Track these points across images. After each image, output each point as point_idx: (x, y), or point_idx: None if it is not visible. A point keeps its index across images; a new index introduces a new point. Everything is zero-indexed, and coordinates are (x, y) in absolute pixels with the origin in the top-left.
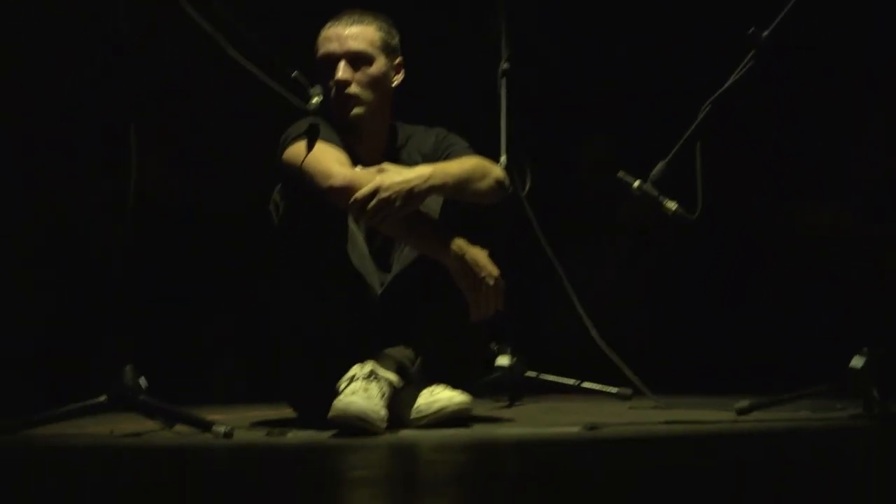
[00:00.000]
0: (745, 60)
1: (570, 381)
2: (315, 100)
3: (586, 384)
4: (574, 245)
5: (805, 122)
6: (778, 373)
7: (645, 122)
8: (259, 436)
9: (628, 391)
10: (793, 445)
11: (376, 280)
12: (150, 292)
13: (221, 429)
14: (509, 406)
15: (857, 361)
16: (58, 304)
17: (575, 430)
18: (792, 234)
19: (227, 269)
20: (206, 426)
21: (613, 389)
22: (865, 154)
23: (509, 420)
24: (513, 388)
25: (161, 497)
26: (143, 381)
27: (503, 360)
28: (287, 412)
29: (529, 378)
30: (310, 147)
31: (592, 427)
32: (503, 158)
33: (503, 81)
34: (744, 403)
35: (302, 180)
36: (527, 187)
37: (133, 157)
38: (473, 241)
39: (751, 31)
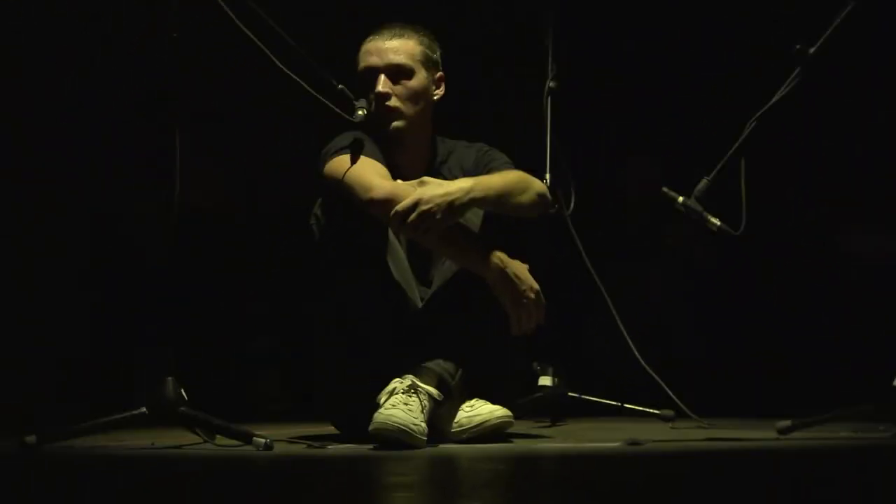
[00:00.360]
0: (792, 77)
1: (613, 403)
2: (360, 112)
3: (629, 405)
4: (617, 265)
5: (853, 142)
6: (824, 393)
7: (689, 138)
8: (299, 448)
9: (671, 412)
10: (835, 464)
11: (417, 294)
12: (194, 306)
13: (262, 440)
14: (551, 426)
15: None
16: (100, 317)
17: (616, 444)
18: (835, 254)
19: (271, 283)
20: (247, 438)
21: (656, 411)
22: None
23: (550, 437)
24: (555, 408)
25: None
26: (183, 393)
27: (545, 380)
28: (328, 429)
29: (572, 398)
30: (353, 160)
31: (634, 442)
32: (547, 177)
33: (548, 100)
34: (786, 423)
35: (343, 193)
36: (571, 206)
37: (177, 168)
38: (513, 255)
39: (797, 47)
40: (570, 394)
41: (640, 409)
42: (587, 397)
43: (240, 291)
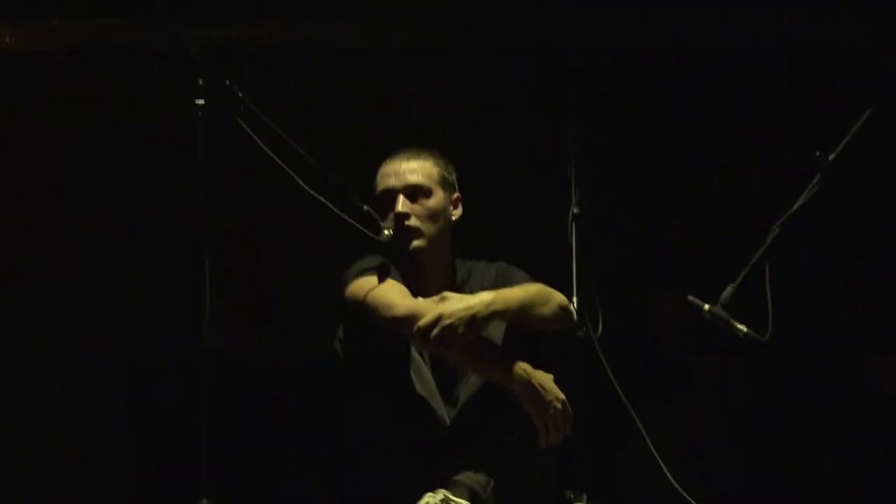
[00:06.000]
0: (812, 183)
1: None
2: (387, 232)
3: None
4: (648, 394)
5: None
6: None
7: (714, 244)
8: None
9: None
10: None
11: (444, 411)
12: (229, 437)
13: None
14: None
15: None
16: (135, 443)
17: None
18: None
19: (304, 416)
20: None
21: None
22: None
23: None
24: None
25: None
26: None
27: None
28: None
29: None
30: (376, 281)
31: None
32: (574, 301)
33: (573, 226)
34: None
35: (365, 313)
36: (599, 330)
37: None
38: (538, 366)
39: (816, 154)
40: None
41: None
42: None
43: (276, 433)
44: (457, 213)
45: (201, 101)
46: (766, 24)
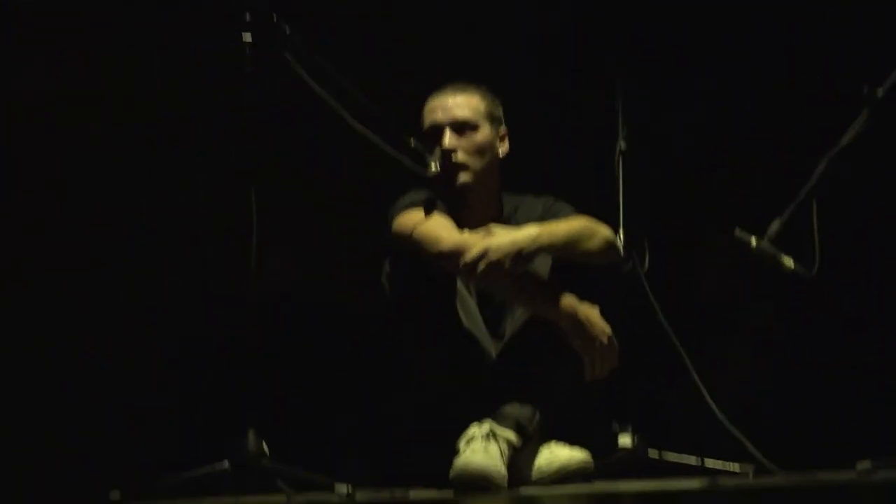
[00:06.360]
0: (860, 119)
1: (693, 460)
2: (433, 167)
3: (708, 464)
4: (693, 321)
5: None
6: None
7: (761, 179)
8: (382, 496)
9: (750, 468)
10: None
11: (490, 345)
12: (277, 364)
13: (344, 488)
14: None
15: None
16: (182, 377)
17: (697, 484)
18: None
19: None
20: (328, 486)
21: (736, 467)
22: None
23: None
24: (635, 468)
25: None
26: (265, 446)
27: (625, 440)
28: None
29: (652, 458)
30: (426, 215)
31: (715, 482)
32: (620, 235)
33: (620, 161)
34: (866, 464)
35: (412, 248)
36: (646, 265)
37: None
38: (584, 298)
39: (865, 89)
40: (650, 453)
41: (721, 466)
42: (667, 456)
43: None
44: (504, 148)
45: (248, 37)
46: None
